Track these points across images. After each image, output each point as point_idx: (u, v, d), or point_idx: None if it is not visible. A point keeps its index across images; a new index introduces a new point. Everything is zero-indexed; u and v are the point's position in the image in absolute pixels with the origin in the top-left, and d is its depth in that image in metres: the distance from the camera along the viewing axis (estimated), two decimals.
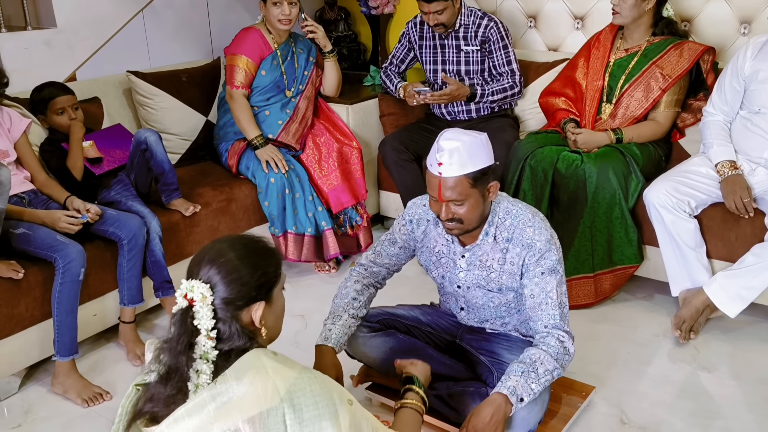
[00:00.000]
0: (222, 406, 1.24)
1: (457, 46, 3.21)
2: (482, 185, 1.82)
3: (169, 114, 3.19)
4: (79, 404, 2.27)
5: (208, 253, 1.36)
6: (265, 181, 2.98)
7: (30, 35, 2.98)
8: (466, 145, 1.77)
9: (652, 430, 2.08)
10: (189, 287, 1.32)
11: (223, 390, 1.25)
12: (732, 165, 2.54)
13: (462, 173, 1.78)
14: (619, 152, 2.74)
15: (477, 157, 1.79)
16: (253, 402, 1.24)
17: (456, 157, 1.76)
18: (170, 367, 1.30)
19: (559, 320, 1.88)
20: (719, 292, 2.43)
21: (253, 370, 1.27)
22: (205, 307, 1.30)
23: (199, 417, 1.24)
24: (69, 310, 2.27)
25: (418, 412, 1.71)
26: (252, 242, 1.40)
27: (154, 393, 1.32)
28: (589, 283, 2.73)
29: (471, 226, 1.88)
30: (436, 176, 1.81)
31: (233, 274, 1.33)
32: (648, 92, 2.82)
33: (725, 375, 2.35)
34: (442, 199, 1.82)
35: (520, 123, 3.38)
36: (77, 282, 2.27)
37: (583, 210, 2.67)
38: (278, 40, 3.14)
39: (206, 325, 1.30)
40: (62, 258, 2.24)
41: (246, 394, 1.24)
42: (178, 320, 1.31)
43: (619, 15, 2.80)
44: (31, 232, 2.29)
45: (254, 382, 1.25)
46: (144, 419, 1.33)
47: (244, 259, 1.35)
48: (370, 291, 2.12)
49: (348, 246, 3.19)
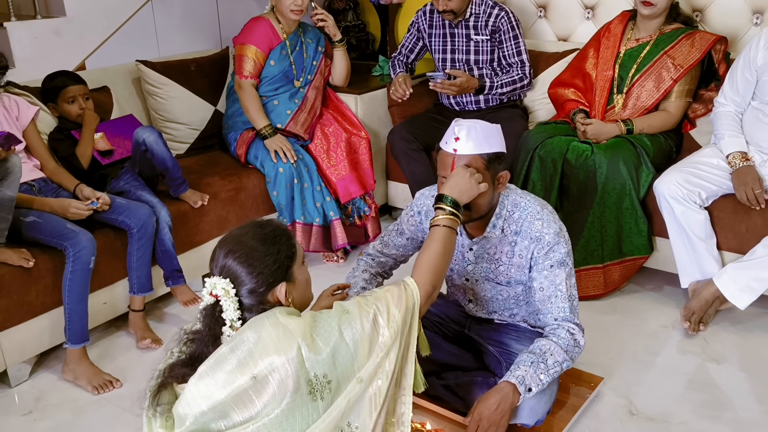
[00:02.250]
0: (242, 355, 1.31)
1: (467, 35, 3.20)
2: (494, 170, 1.82)
3: (178, 103, 3.19)
4: (90, 391, 2.29)
5: (222, 250, 1.45)
6: (273, 171, 2.98)
7: (39, 24, 2.98)
8: (483, 128, 1.80)
9: (660, 421, 2.08)
10: (212, 285, 1.42)
11: (240, 341, 1.33)
12: (743, 156, 2.52)
13: (477, 152, 1.78)
14: (629, 143, 2.72)
15: (493, 141, 1.81)
16: (272, 345, 1.31)
17: (473, 135, 1.78)
18: (194, 354, 1.40)
19: (569, 313, 1.88)
20: (729, 284, 2.42)
21: (266, 321, 1.35)
22: (229, 300, 1.40)
23: (222, 369, 1.31)
24: (80, 297, 2.28)
25: (448, 227, 1.65)
26: (260, 230, 1.47)
27: (174, 369, 1.40)
28: (598, 274, 2.72)
29: (478, 214, 1.87)
30: (450, 154, 1.80)
31: (249, 266, 1.42)
32: (659, 82, 2.80)
33: (734, 366, 2.34)
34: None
35: (529, 113, 3.37)
36: (87, 270, 2.28)
37: (593, 201, 2.66)
38: (287, 30, 3.13)
39: (231, 317, 1.40)
40: (72, 246, 2.25)
41: (262, 338, 1.32)
42: (207, 314, 1.42)
43: (653, 6, 2.74)
44: (42, 221, 2.30)
45: (268, 329, 1.33)
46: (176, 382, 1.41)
47: (256, 250, 1.43)
48: (378, 280, 2.12)
49: (356, 236, 3.19)
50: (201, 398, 1.30)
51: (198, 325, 1.45)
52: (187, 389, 1.33)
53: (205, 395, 1.30)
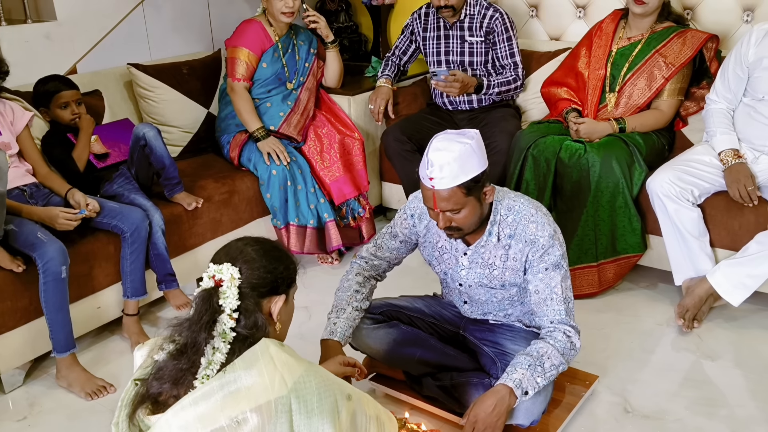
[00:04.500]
0: (230, 394, 1.26)
1: (461, 36, 3.20)
2: (476, 192, 1.79)
3: (170, 106, 3.18)
4: (83, 398, 2.28)
5: (241, 240, 1.44)
6: (267, 173, 2.97)
7: (30, 28, 2.97)
8: (457, 157, 1.72)
9: (655, 418, 2.08)
10: (218, 269, 1.37)
11: (232, 379, 1.27)
12: (735, 153, 2.52)
13: (454, 185, 1.74)
14: (622, 141, 2.73)
15: (468, 167, 1.74)
16: (261, 391, 1.26)
17: (447, 171, 1.73)
18: (187, 343, 1.33)
19: (565, 315, 1.87)
20: (723, 281, 2.43)
21: (261, 361, 1.29)
22: (233, 288, 1.35)
23: (206, 405, 1.25)
24: (58, 307, 2.24)
25: None
26: (273, 242, 1.49)
27: (163, 368, 1.33)
28: (592, 273, 2.72)
29: (470, 230, 1.87)
30: (429, 188, 1.78)
31: (261, 261, 1.39)
32: (651, 81, 2.81)
33: (729, 363, 2.34)
34: (438, 210, 1.80)
35: (522, 113, 3.37)
36: (60, 280, 2.22)
37: (587, 199, 2.66)
38: (279, 32, 3.12)
39: (231, 305, 1.34)
40: (40, 257, 2.19)
41: (254, 384, 1.26)
42: (202, 299, 1.35)
43: (645, 4, 2.75)
44: (18, 230, 2.24)
45: (263, 372, 1.27)
46: (146, 408, 1.33)
47: (269, 253, 1.42)
48: (372, 283, 2.12)
49: (350, 238, 3.19)
50: (178, 429, 1.24)
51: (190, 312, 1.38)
52: (164, 419, 1.27)
53: (184, 426, 1.24)
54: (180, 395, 1.30)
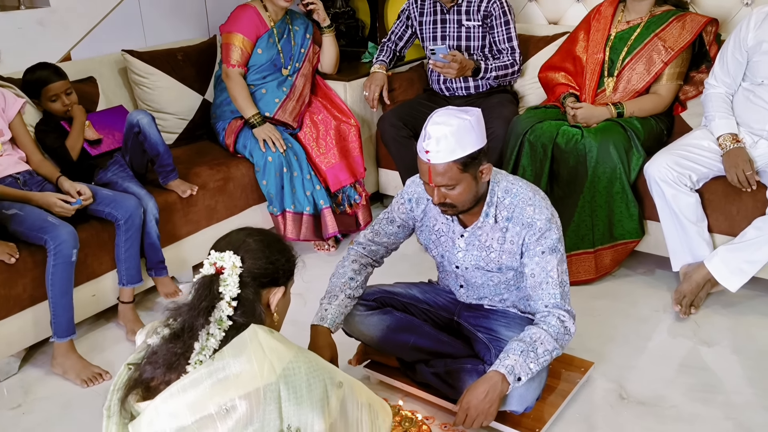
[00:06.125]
0: (218, 382, 1.26)
1: (458, 21, 3.16)
2: (473, 169, 1.79)
3: (165, 93, 3.16)
4: (78, 384, 2.28)
5: (243, 230, 1.44)
6: (262, 160, 2.95)
7: (23, 15, 2.94)
8: (454, 131, 1.72)
9: (651, 405, 2.07)
10: (219, 257, 1.37)
11: (220, 367, 1.27)
12: (734, 138, 2.50)
13: (450, 159, 1.74)
14: (620, 126, 2.70)
15: (466, 142, 1.74)
16: (250, 379, 1.25)
17: (443, 144, 1.73)
18: (184, 327, 1.32)
19: (560, 299, 1.86)
20: (720, 266, 2.42)
21: (250, 347, 1.29)
22: (234, 276, 1.35)
23: (195, 392, 1.25)
24: (63, 291, 2.26)
25: None
26: (275, 234, 1.51)
27: (157, 352, 1.33)
28: (589, 259, 2.71)
29: (464, 208, 1.86)
30: (425, 162, 1.78)
31: (264, 252, 1.40)
32: (650, 65, 2.78)
33: (726, 349, 2.33)
34: (433, 184, 1.80)
35: (519, 98, 3.34)
36: (70, 263, 2.25)
37: (584, 185, 2.64)
38: (274, 18, 3.09)
39: (231, 293, 1.34)
40: (53, 240, 2.22)
41: (243, 372, 1.26)
42: (202, 285, 1.35)
43: None
44: (23, 213, 2.27)
45: (251, 359, 1.27)
46: (137, 394, 1.33)
47: (272, 245, 1.43)
48: (368, 270, 2.11)
49: (347, 224, 3.17)
50: (167, 416, 1.25)
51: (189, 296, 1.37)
52: (153, 406, 1.27)
53: (173, 413, 1.24)
54: (172, 381, 1.29)
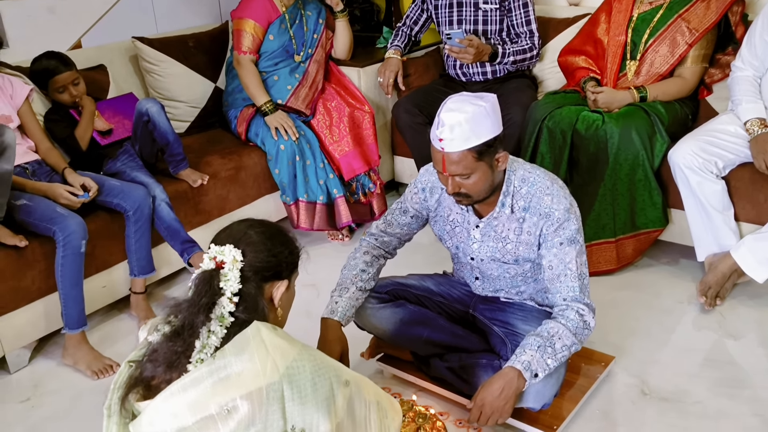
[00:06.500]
0: (219, 381, 1.22)
1: (475, 4, 3.08)
2: (488, 157, 1.73)
3: (177, 81, 3.12)
4: (89, 376, 2.26)
5: (244, 222, 1.40)
6: (275, 149, 2.90)
7: (33, 2, 2.91)
8: (469, 118, 1.66)
9: (675, 401, 2.01)
10: (219, 251, 1.33)
11: (222, 365, 1.23)
12: (762, 123, 2.41)
13: (465, 147, 1.68)
14: (643, 111, 2.62)
15: (481, 130, 1.68)
16: (252, 378, 1.22)
17: (458, 132, 1.67)
18: (184, 324, 1.29)
19: (579, 292, 1.80)
20: (747, 256, 2.34)
21: (252, 345, 1.25)
22: (235, 270, 1.31)
23: (195, 392, 1.22)
24: (73, 283, 2.24)
25: None
26: (277, 225, 1.46)
27: (158, 350, 1.29)
28: (610, 249, 2.63)
29: (480, 197, 1.80)
30: (439, 151, 1.72)
31: (266, 244, 1.36)
32: (674, 47, 2.69)
33: (752, 342, 2.26)
34: (447, 174, 1.74)
35: (538, 83, 3.26)
36: (79, 254, 2.23)
37: (604, 172, 2.57)
38: (286, 3, 3.03)
39: (232, 288, 1.30)
40: (62, 231, 2.21)
41: (245, 370, 1.22)
42: (202, 280, 1.31)
43: None
44: (32, 204, 2.26)
45: (254, 357, 1.23)
46: (138, 393, 1.30)
47: (274, 237, 1.39)
48: (380, 262, 2.05)
49: (361, 214, 3.12)
50: (168, 416, 1.22)
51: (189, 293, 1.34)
52: (153, 406, 1.23)
53: (174, 413, 1.21)
54: (173, 379, 1.26)
